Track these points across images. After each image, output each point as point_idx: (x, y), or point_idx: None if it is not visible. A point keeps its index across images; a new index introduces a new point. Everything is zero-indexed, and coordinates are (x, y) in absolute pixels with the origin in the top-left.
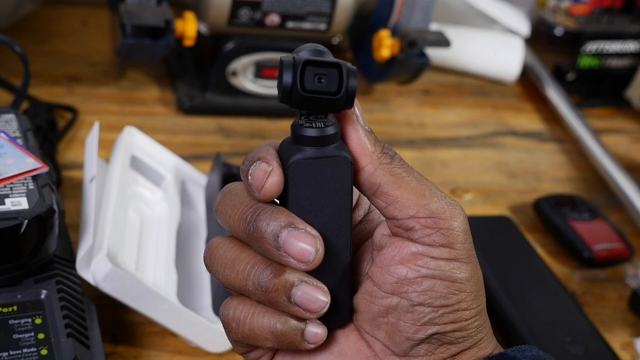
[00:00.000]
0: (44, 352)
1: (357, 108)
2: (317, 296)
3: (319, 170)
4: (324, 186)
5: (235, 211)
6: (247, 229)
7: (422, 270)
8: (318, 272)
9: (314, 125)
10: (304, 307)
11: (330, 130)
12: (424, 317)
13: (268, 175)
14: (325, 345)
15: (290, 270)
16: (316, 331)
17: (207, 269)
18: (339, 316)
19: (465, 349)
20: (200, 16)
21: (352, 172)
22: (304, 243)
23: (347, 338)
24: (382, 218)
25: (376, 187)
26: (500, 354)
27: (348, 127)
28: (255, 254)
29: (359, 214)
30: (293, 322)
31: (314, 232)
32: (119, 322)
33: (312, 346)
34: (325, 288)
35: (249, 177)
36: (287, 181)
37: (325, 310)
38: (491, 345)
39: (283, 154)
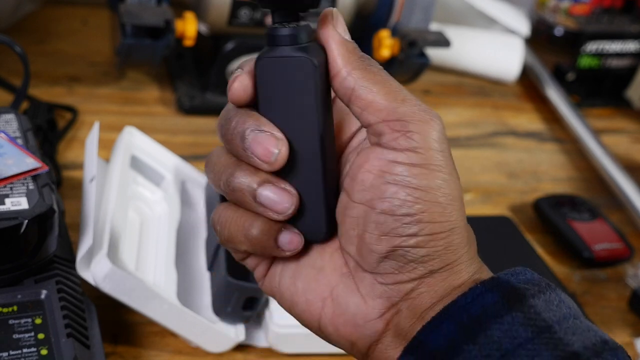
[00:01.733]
0: (44, 352)
1: (338, 18)
2: (282, 197)
3: (283, 70)
4: (289, 88)
5: (219, 120)
6: (220, 131)
7: (386, 177)
8: (289, 177)
9: (284, 27)
10: (269, 208)
11: (296, 31)
12: (386, 227)
13: (234, 80)
14: (309, 259)
15: (257, 172)
16: (289, 238)
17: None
18: (316, 228)
19: (434, 271)
20: (200, 16)
21: (316, 74)
22: (268, 144)
23: (330, 255)
24: None
25: (350, 91)
26: (492, 278)
27: (324, 33)
28: (231, 156)
29: (351, 130)
30: (264, 227)
31: (279, 134)
32: (119, 322)
33: (288, 253)
34: (294, 191)
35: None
36: (256, 81)
37: (290, 212)
38: (469, 270)
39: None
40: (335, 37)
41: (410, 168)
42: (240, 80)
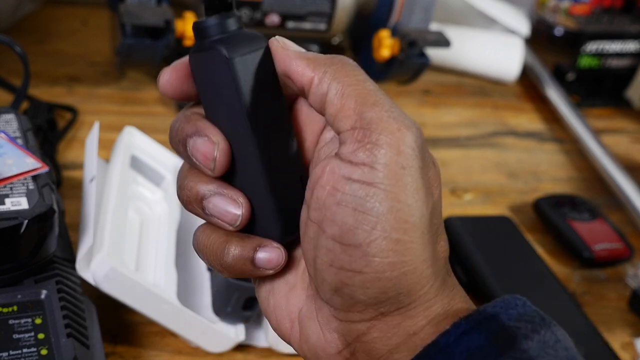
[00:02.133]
0: (44, 352)
1: (284, 40)
2: (228, 208)
3: (205, 65)
4: (215, 84)
5: None
6: (169, 139)
7: (337, 196)
8: (237, 181)
9: (207, 18)
10: (219, 218)
11: (216, 20)
12: (334, 255)
13: (161, 74)
14: (284, 274)
15: (204, 182)
16: (268, 257)
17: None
18: (270, 234)
19: (386, 313)
20: (200, 16)
21: (234, 69)
22: (206, 150)
23: (303, 272)
24: None
25: (324, 96)
26: (478, 311)
27: (277, 58)
28: (186, 164)
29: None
30: (236, 252)
31: (215, 137)
32: (119, 322)
33: (271, 272)
34: (241, 200)
35: None
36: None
37: (239, 221)
38: (428, 314)
39: None
40: (290, 54)
41: (364, 187)
42: (166, 73)
